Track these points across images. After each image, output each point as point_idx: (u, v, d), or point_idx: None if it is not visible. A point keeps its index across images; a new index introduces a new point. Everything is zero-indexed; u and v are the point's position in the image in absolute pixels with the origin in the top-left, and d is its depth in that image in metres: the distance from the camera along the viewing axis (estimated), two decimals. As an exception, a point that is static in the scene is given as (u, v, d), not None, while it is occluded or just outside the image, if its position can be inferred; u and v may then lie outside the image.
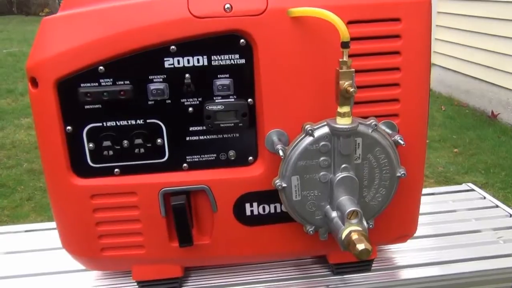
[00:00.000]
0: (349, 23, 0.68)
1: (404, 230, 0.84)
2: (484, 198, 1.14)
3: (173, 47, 0.68)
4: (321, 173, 0.70)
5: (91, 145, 0.71)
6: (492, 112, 4.04)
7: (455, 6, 4.48)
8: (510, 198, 2.70)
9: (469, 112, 4.24)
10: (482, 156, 3.28)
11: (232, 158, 0.74)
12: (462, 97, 4.54)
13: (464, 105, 4.42)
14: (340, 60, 0.64)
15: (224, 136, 0.73)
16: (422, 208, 0.85)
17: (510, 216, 1.05)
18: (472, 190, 1.19)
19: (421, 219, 0.86)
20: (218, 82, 0.70)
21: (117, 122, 0.71)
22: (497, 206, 1.09)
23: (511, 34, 3.73)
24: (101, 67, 0.68)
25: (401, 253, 0.92)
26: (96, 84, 0.69)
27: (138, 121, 0.71)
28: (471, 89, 4.39)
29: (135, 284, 0.82)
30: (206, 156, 0.74)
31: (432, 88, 4.95)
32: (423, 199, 0.84)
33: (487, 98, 4.16)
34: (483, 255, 0.90)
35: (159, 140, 0.72)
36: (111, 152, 0.72)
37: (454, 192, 1.18)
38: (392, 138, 0.71)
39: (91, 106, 0.70)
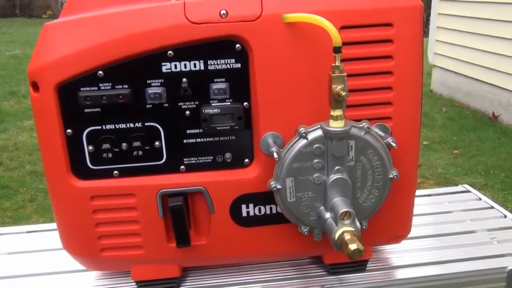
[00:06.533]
0: (342, 28, 0.70)
1: (398, 231, 0.85)
2: (480, 199, 1.15)
3: (170, 52, 0.70)
4: (315, 175, 0.71)
5: (90, 147, 0.73)
6: (493, 113, 4.05)
7: (456, 7, 4.49)
8: (509, 200, 2.70)
9: (470, 114, 4.25)
10: (482, 158, 3.28)
11: (229, 161, 0.76)
12: (463, 98, 4.54)
13: (465, 107, 4.43)
14: (333, 64, 0.65)
15: (221, 138, 0.75)
16: (418, 209, 0.86)
17: (505, 217, 1.06)
18: (468, 191, 1.20)
19: (417, 220, 0.88)
20: (215, 86, 0.72)
21: (116, 125, 0.73)
22: (492, 207, 1.10)
23: (512, 35, 3.74)
24: (100, 72, 0.70)
25: (397, 253, 0.93)
26: (96, 88, 0.70)
27: (137, 124, 0.73)
28: (472, 90, 4.40)
29: (134, 284, 0.83)
30: (203, 158, 0.75)
31: (433, 90, 4.97)
32: (419, 200, 0.86)
33: (488, 100, 4.17)
34: (477, 255, 0.91)
35: (157, 143, 0.74)
36: (110, 155, 0.73)
37: (450, 194, 1.19)
38: (385, 141, 0.72)
39: (90, 110, 0.71)
